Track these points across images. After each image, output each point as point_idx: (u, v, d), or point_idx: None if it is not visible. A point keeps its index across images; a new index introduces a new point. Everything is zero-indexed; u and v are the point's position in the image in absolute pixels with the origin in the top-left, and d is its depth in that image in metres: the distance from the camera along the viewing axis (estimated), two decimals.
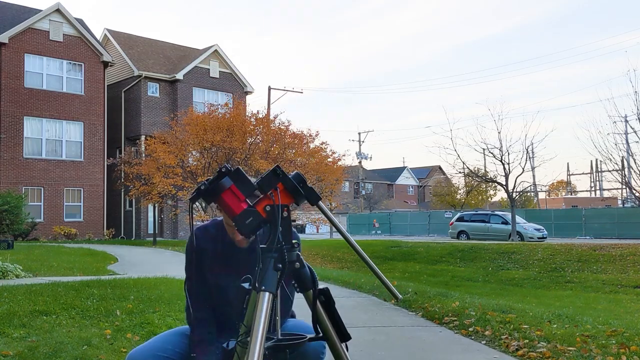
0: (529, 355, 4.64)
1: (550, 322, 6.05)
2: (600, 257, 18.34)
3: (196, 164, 22.09)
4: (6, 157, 25.37)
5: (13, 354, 4.32)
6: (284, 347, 1.77)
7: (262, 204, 1.72)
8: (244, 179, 1.70)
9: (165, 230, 30.37)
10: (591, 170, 58.51)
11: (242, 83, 33.97)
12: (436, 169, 66.60)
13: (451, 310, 6.57)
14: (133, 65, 30.58)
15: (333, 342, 1.81)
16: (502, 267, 19.09)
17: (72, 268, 11.61)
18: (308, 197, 1.75)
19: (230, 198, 1.70)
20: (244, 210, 1.70)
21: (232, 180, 1.69)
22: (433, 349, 5.18)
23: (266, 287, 1.68)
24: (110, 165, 26.67)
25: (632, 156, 22.08)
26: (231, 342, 1.79)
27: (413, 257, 21.23)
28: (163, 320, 5.66)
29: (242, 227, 1.70)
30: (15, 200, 21.29)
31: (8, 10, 27.45)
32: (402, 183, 73.04)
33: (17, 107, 25.80)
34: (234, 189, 1.70)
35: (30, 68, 26.38)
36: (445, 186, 52.80)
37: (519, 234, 26.96)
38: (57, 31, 27.16)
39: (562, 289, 15.87)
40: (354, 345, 1.83)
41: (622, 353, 4.54)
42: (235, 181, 1.70)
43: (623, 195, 41.49)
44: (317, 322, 1.80)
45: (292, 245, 1.74)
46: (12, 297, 6.46)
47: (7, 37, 25.39)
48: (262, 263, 1.72)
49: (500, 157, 26.14)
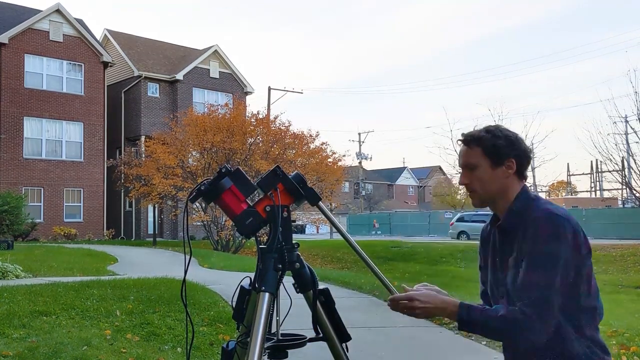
0: None
1: None
2: (601, 257, 18.34)
3: (196, 164, 22.09)
4: (6, 157, 25.37)
5: (13, 354, 4.32)
6: (283, 347, 1.77)
7: (262, 205, 1.71)
8: (244, 179, 1.70)
9: (165, 231, 30.36)
10: (591, 171, 58.44)
11: (242, 83, 33.97)
12: (436, 169, 66.56)
13: None
14: (133, 66, 30.59)
15: (333, 342, 1.81)
16: None
17: (72, 268, 11.61)
18: (308, 198, 1.75)
19: (231, 198, 1.70)
20: (244, 210, 1.70)
21: (232, 181, 1.69)
22: (433, 349, 5.18)
23: (266, 287, 1.68)
24: (110, 166, 26.67)
25: (632, 156, 22.12)
26: (231, 343, 1.79)
27: (413, 258, 21.22)
28: (163, 321, 5.66)
29: (242, 228, 1.70)
30: (15, 200, 21.28)
31: (8, 11, 27.45)
32: (402, 183, 73.03)
33: (17, 107, 25.80)
34: (234, 189, 1.69)
35: (30, 68, 26.38)
36: (446, 186, 52.84)
37: None
38: (57, 31, 27.16)
39: None
40: (354, 345, 1.83)
41: (622, 353, 4.54)
42: (236, 181, 1.70)
43: (623, 195, 41.44)
44: (317, 322, 1.80)
45: (293, 245, 1.74)
46: (12, 298, 6.45)
47: (7, 37, 25.39)
48: (263, 263, 1.72)
49: None
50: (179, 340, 5.24)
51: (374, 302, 7.72)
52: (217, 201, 1.71)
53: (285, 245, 1.71)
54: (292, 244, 1.74)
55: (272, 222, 1.71)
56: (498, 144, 1.79)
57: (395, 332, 5.80)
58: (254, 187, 1.73)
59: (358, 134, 56.88)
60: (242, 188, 1.69)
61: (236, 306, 1.79)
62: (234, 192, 1.70)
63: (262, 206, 1.71)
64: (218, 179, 1.69)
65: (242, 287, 1.80)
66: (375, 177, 69.63)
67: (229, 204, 1.69)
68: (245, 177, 1.70)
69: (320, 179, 22.76)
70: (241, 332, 1.77)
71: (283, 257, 1.70)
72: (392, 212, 50.60)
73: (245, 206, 1.70)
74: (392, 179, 72.24)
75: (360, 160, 57.00)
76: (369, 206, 59.33)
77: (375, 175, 70.31)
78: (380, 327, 6.05)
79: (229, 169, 1.71)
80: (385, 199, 64.53)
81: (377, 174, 71.20)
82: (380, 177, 71.26)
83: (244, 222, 1.69)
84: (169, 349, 4.91)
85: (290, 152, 23.03)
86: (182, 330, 5.57)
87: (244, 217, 1.69)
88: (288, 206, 1.73)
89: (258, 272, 1.73)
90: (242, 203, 1.70)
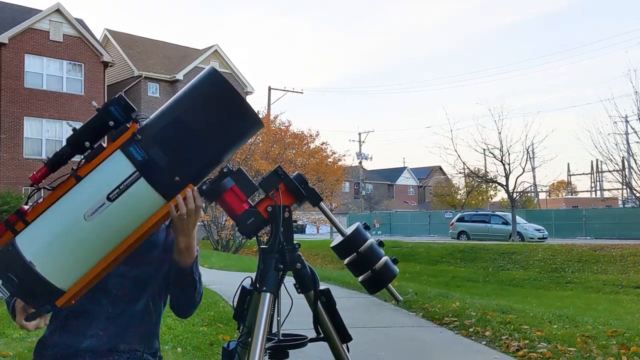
0: (529, 356, 4.63)
1: (550, 322, 6.05)
2: (601, 257, 18.33)
3: None
4: (6, 157, 25.37)
5: (13, 354, 4.32)
6: (284, 347, 1.77)
7: (264, 205, 1.72)
8: (245, 179, 1.70)
9: None
10: (592, 171, 58.45)
11: (243, 83, 33.98)
12: (436, 169, 66.52)
13: (451, 311, 6.57)
14: (133, 66, 30.60)
15: (334, 342, 1.81)
16: (503, 267, 19.09)
17: None
18: (310, 198, 1.75)
19: (232, 198, 1.70)
20: (246, 210, 1.70)
21: (233, 181, 1.70)
22: (433, 349, 5.19)
23: (267, 287, 1.68)
24: None
25: (632, 156, 22.10)
26: (232, 343, 1.79)
27: (413, 258, 21.22)
28: (163, 321, 5.65)
29: (243, 228, 1.70)
30: (15, 200, 21.27)
31: (8, 11, 27.45)
32: (403, 183, 72.99)
33: (17, 107, 25.80)
34: (235, 189, 1.70)
35: (30, 68, 26.37)
36: (446, 186, 52.79)
37: (520, 234, 26.95)
38: (57, 31, 27.16)
39: (562, 289, 15.86)
40: (355, 345, 1.83)
41: (622, 353, 4.54)
42: (237, 181, 1.70)
43: (624, 195, 41.46)
44: (318, 322, 1.80)
45: (294, 246, 1.74)
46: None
47: (7, 37, 25.38)
48: (264, 263, 1.72)
49: (500, 158, 26.15)
50: (179, 340, 5.24)
51: (374, 302, 7.73)
52: (218, 201, 1.71)
53: (287, 246, 1.71)
54: (293, 245, 1.74)
55: (273, 222, 1.71)
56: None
57: (395, 332, 5.80)
58: (256, 187, 1.73)
59: (358, 134, 56.88)
60: (244, 188, 1.70)
61: (237, 306, 1.79)
62: (236, 192, 1.70)
63: (263, 206, 1.71)
64: (220, 178, 1.69)
65: (243, 287, 1.80)
66: (375, 177, 69.61)
67: (230, 204, 1.69)
68: (247, 177, 1.70)
69: (321, 179, 22.78)
70: (242, 332, 1.77)
71: (284, 258, 1.70)
72: (392, 212, 50.59)
73: (246, 206, 1.70)
74: (392, 179, 72.20)
75: (361, 160, 56.98)
76: (369, 206, 59.30)
77: (376, 175, 70.29)
78: (381, 327, 6.05)
79: (231, 169, 1.71)
80: (385, 199, 64.48)
81: (377, 174, 71.18)
82: (381, 177, 71.23)
83: (245, 222, 1.69)
84: (169, 349, 4.91)
85: (290, 152, 23.04)
86: (182, 330, 5.57)
87: (246, 217, 1.69)
88: (289, 206, 1.73)
89: (259, 273, 1.73)
90: (244, 203, 1.70)
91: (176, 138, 1.56)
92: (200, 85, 1.61)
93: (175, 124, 1.57)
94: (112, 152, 1.56)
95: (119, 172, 1.53)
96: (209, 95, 1.59)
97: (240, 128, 1.62)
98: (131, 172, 1.52)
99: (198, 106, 1.58)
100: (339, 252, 1.80)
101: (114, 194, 1.52)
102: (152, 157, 1.53)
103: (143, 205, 1.56)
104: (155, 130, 1.58)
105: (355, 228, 1.79)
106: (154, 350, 2.07)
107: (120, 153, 1.55)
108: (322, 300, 1.80)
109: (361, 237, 1.77)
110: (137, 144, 1.55)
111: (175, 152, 1.56)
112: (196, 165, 1.62)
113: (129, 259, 1.94)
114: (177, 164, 1.57)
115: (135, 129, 1.58)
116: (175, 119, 1.58)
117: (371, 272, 1.76)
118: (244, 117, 1.60)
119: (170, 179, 1.57)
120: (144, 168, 1.53)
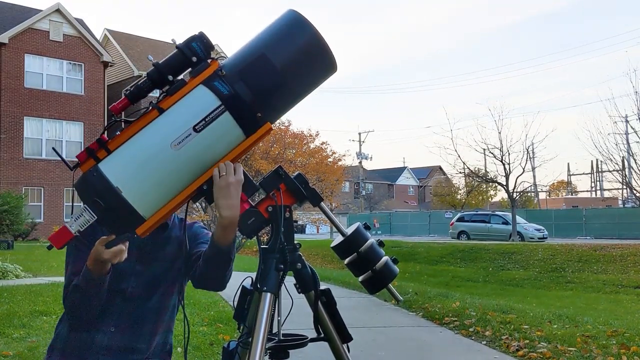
0: (529, 356, 4.63)
1: (550, 322, 6.05)
2: (601, 257, 18.34)
3: None
4: (6, 157, 25.37)
5: (13, 354, 4.32)
6: (285, 347, 1.77)
7: (264, 205, 1.72)
8: (246, 179, 1.70)
9: None
10: (592, 171, 58.47)
11: None
12: (436, 169, 66.51)
13: (451, 311, 6.57)
14: (133, 65, 30.59)
15: (334, 343, 1.81)
16: (503, 267, 19.09)
17: None
18: (310, 198, 1.75)
19: None
20: (247, 210, 1.70)
21: None
22: (433, 349, 5.19)
23: (268, 287, 1.68)
24: None
25: (632, 156, 22.09)
26: (232, 343, 1.79)
27: (413, 258, 21.22)
28: None
29: (244, 227, 1.70)
30: (15, 200, 21.27)
31: (8, 10, 27.45)
32: (403, 183, 73.00)
33: (17, 107, 25.80)
34: None
35: (30, 68, 26.37)
36: (446, 186, 52.78)
37: (520, 234, 26.94)
38: (57, 31, 27.16)
39: (562, 289, 15.86)
40: (355, 345, 1.83)
41: (622, 353, 4.54)
42: None
43: (624, 195, 41.46)
44: (319, 322, 1.80)
45: (294, 246, 1.74)
46: (12, 298, 6.46)
47: (7, 37, 25.39)
48: (264, 263, 1.72)
49: (500, 157, 26.14)
50: (179, 340, 5.22)
51: (374, 302, 7.73)
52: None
53: (287, 246, 1.71)
54: (293, 245, 1.74)
55: (274, 222, 1.72)
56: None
57: (395, 332, 5.80)
58: (256, 187, 1.73)
59: (358, 134, 56.84)
60: (245, 188, 1.70)
61: (237, 306, 1.79)
62: None
63: (264, 206, 1.71)
64: None
65: (243, 287, 1.80)
66: (375, 177, 69.60)
67: None
68: (248, 177, 1.70)
69: (321, 178, 22.78)
70: (242, 332, 1.77)
71: (285, 258, 1.71)
72: (392, 212, 50.59)
73: (247, 206, 1.70)
74: (393, 179, 72.20)
75: (361, 160, 56.96)
76: (369, 206, 59.30)
77: (376, 175, 70.29)
78: (381, 327, 6.05)
79: None
80: (385, 198, 64.49)
81: (378, 174, 71.18)
82: (381, 177, 71.23)
83: (246, 222, 1.70)
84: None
85: (290, 151, 23.04)
86: (181, 330, 5.56)
87: (246, 217, 1.69)
88: (290, 206, 1.74)
89: (259, 272, 1.73)
90: (244, 203, 1.70)
91: (261, 75, 1.59)
92: (284, 25, 1.63)
93: (261, 61, 1.59)
94: (195, 86, 1.59)
95: (204, 105, 1.56)
96: (292, 34, 1.62)
97: (321, 68, 1.66)
98: (217, 106, 1.55)
99: (282, 45, 1.60)
100: (340, 252, 1.80)
101: (199, 125, 1.54)
102: (237, 91, 1.56)
103: (226, 139, 1.60)
104: (241, 66, 1.60)
105: (356, 228, 1.79)
106: (169, 345, 2.16)
107: (204, 87, 1.58)
108: (322, 300, 1.80)
109: (361, 237, 1.77)
110: (221, 79, 1.57)
111: (259, 89, 1.58)
112: (277, 103, 1.64)
113: (143, 258, 1.96)
114: (260, 100, 1.59)
115: (218, 66, 1.61)
116: (261, 56, 1.59)
117: (371, 272, 1.76)
118: (324, 58, 1.64)
119: (252, 114, 1.59)
120: (230, 102, 1.56)
